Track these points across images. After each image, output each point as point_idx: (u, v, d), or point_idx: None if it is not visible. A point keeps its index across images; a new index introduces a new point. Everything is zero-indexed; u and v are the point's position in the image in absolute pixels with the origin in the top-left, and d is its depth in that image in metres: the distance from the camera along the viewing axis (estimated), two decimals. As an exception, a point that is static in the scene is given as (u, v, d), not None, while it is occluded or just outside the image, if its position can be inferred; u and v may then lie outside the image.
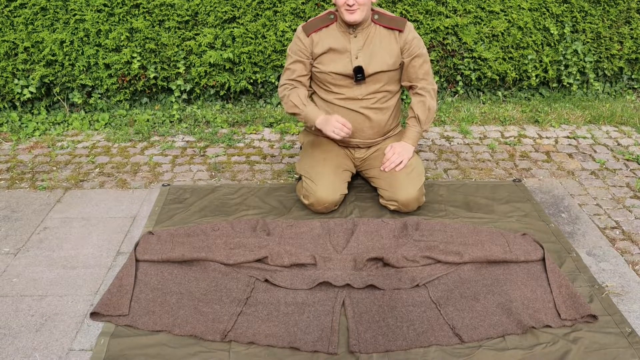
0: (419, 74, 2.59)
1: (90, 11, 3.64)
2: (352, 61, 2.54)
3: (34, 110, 3.89)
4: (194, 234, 2.48)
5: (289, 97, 2.57)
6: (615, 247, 2.45)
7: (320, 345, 1.87)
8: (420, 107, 2.62)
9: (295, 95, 2.56)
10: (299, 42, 2.58)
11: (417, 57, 2.56)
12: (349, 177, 2.75)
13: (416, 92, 2.63)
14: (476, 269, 2.23)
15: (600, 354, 1.84)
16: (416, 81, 2.61)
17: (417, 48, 2.56)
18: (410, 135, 2.65)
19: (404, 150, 2.62)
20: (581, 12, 3.94)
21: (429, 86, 2.61)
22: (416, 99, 2.63)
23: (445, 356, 1.84)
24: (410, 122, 2.66)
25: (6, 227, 2.61)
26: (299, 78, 2.62)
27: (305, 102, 2.55)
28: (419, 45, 2.56)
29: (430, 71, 2.62)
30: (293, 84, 2.62)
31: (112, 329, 1.96)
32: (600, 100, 4.12)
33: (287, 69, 2.63)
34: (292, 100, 2.56)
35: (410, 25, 2.57)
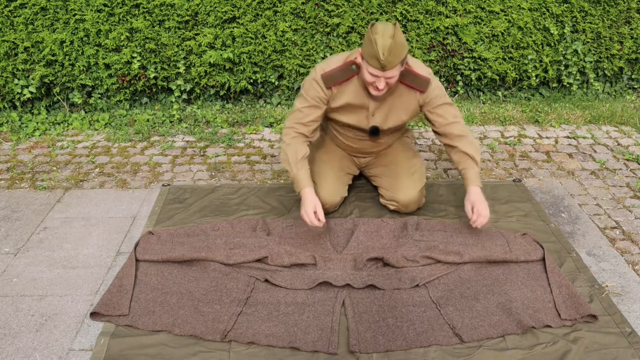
0: (448, 118, 2.43)
1: (90, 11, 3.64)
2: (369, 118, 2.47)
3: (34, 110, 3.89)
4: (194, 234, 2.48)
5: (286, 150, 2.39)
6: (615, 247, 2.45)
7: (320, 345, 1.87)
8: (468, 146, 2.40)
9: (292, 151, 2.38)
10: (318, 90, 2.39)
11: (439, 107, 2.42)
12: (350, 179, 2.75)
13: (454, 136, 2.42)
14: (476, 269, 2.23)
15: (600, 354, 1.84)
16: (448, 127, 2.43)
17: (438, 99, 2.41)
18: (472, 177, 2.39)
19: (481, 198, 2.37)
20: (581, 12, 3.94)
21: (462, 126, 2.43)
22: (459, 141, 2.42)
23: (445, 356, 1.84)
24: (465, 163, 2.41)
25: (6, 227, 2.61)
26: (310, 124, 2.42)
27: (299, 165, 2.36)
28: (439, 95, 2.41)
29: (459, 113, 2.45)
30: (299, 130, 2.41)
31: (112, 329, 1.96)
32: (600, 100, 4.12)
33: (300, 111, 2.42)
34: (288, 155, 2.38)
35: (434, 83, 2.40)
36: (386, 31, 2.15)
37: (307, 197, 2.32)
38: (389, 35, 2.14)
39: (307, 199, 2.32)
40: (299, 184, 2.36)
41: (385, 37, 2.14)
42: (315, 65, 2.47)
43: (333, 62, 2.39)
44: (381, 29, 2.17)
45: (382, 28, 2.17)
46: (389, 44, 2.13)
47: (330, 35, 3.86)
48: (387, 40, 2.14)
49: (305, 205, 2.31)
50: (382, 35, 2.15)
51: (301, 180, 2.36)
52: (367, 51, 2.20)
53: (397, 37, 2.15)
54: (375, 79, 2.24)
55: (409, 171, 2.61)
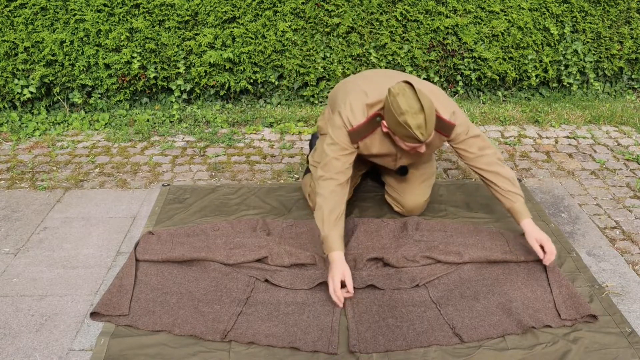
0: (474, 152, 2.27)
1: (90, 11, 3.64)
2: (397, 161, 2.39)
3: (34, 110, 3.89)
4: (194, 234, 2.48)
5: (323, 207, 2.17)
6: (615, 247, 2.45)
7: (320, 345, 1.87)
8: (505, 183, 2.24)
9: (329, 209, 2.15)
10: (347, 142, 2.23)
11: (463, 142, 2.27)
12: (357, 182, 2.73)
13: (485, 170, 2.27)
14: (476, 268, 2.23)
15: (600, 354, 1.84)
16: (475, 161, 2.28)
17: (462, 135, 2.26)
18: (522, 210, 2.23)
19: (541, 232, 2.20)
20: (581, 12, 3.94)
21: (492, 158, 2.27)
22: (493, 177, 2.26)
23: (445, 356, 1.84)
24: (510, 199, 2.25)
25: (6, 227, 2.61)
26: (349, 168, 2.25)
27: (332, 225, 2.14)
28: (463, 132, 2.25)
29: (486, 143, 2.29)
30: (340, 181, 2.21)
31: (112, 329, 1.96)
32: (600, 100, 4.12)
33: (336, 159, 2.21)
34: (324, 213, 2.16)
35: (460, 126, 2.24)
36: (412, 106, 2.00)
37: (336, 264, 2.07)
38: (417, 110, 2.00)
39: (336, 267, 2.06)
40: (329, 246, 2.12)
41: (416, 116, 2.00)
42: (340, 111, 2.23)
43: (357, 112, 2.20)
44: (406, 105, 2.00)
45: (406, 104, 2.00)
46: (423, 121, 2.00)
47: (330, 35, 3.86)
48: (419, 118, 2.00)
49: (333, 273, 2.06)
50: (411, 115, 2.00)
51: (332, 243, 2.11)
52: (399, 132, 2.06)
53: (425, 107, 2.00)
54: (415, 148, 2.14)
55: (420, 178, 2.57)
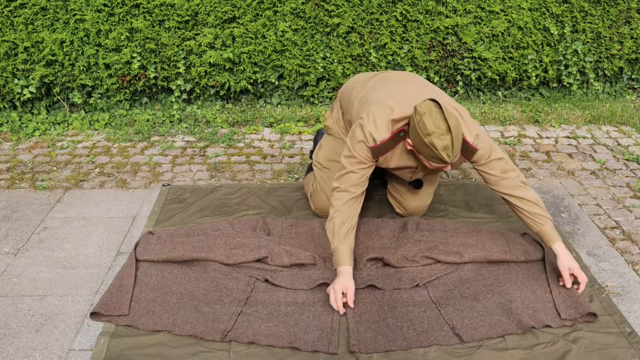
0: (496, 174, 2.21)
1: (90, 11, 3.64)
2: (414, 174, 2.36)
3: (34, 110, 3.89)
4: (194, 234, 2.48)
5: (335, 219, 2.16)
6: (615, 247, 2.45)
7: (320, 345, 1.87)
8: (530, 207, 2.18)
9: (340, 222, 2.14)
10: (369, 156, 2.18)
11: (484, 165, 2.21)
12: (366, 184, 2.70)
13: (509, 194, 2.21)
14: (476, 268, 2.23)
15: (600, 354, 1.84)
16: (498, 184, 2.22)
17: (485, 158, 2.19)
18: (551, 233, 2.16)
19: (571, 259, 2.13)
20: (581, 12, 3.94)
21: (515, 181, 2.20)
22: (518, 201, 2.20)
23: (445, 356, 1.84)
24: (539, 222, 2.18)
25: (6, 227, 2.61)
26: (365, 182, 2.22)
27: (343, 239, 2.13)
28: (484, 155, 2.19)
29: (509, 165, 2.22)
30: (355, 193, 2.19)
31: (112, 329, 1.96)
32: (600, 100, 4.12)
33: (354, 172, 2.18)
34: (335, 225, 2.15)
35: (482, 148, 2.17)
36: (439, 127, 1.95)
37: (342, 277, 2.07)
38: (444, 131, 1.94)
39: (341, 279, 2.06)
40: (337, 259, 2.11)
41: (443, 137, 1.95)
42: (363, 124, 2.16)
43: (381, 127, 2.14)
44: (433, 127, 1.95)
45: (432, 125, 1.95)
46: (450, 142, 1.95)
47: (330, 35, 3.86)
48: (446, 140, 1.95)
49: (336, 284, 2.05)
50: (438, 136, 1.95)
51: (340, 257, 2.10)
52: (425, 152, 2.01)
53: (452, 128, 1.94)
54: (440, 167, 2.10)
55: (425, 184, 2.55)
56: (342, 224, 2.14)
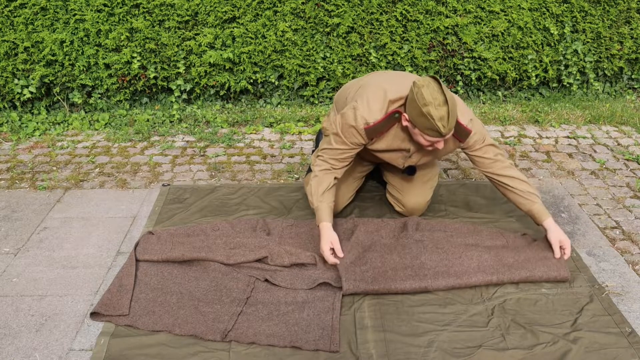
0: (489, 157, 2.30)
1: (90, 11, 3.64)
2: (406, 159, 2.39)
3: (34, 110, 3.89)
4: (194, 233, 2.48)
5: (312, 182, 2.31)
6: (615, 247, 2.45)
7: (322, 344, 1.87)
8: (521, 185, 2.28)
9: (316, 183, 2.29)
10: (359, 139, 2.26)
11: (481, 149, 2.29)
12: (360, 183, 2.71)
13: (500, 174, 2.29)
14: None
15: (600, 354, 1.84)
16: (490, 167, 2.30)
17: (478, 144, 2.28)
18: (541, 211, 2.27)
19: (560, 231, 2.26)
20: (581, 12, 3.94)
21: (505, 162, 2.31)
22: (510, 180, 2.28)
23: (445, 356, 1.84)
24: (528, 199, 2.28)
25: (6, 227, 2.61)
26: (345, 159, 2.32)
27: (321, 197, 2.28)
28: (479, 140, 2.28)
29: (499, 150, 2.32)
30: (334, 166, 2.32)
31: (112, 329, 1.96)
32: (600, 100, 4.12)
33: (336, 149, 2.29)
34: (312, 186, 2.30)
35: (476, 134, 2.26)
36: (436, 98, 2.01)
37: (324, 232, 2.24)
38: (441, 102, 2.01)
39: (324, 235, 2.23)
40: (318, 217, 2.28)
41: (440, 108, 2.01)
42: (356, 107, 2.22)
43: (375, 110, 2.20)
44: (430, 97, 2.01)
45: (430, 95, 2.01)
46: (446, 113, 2.01)
47: (330, 35, 3.86)
48: (443, 110, 2.01)
49: (322, 241, 2.23)
50: (435, 107, 2.01)
51: (320, 214, 2.27)
52: (421, 123, 2.06)
53: (449, 100, 2.01)
54: (433, 142, 2.13)
55: (422, 179, 2.57)
56: (319, 184, 2.29)
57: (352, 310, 2.05)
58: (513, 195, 2.31)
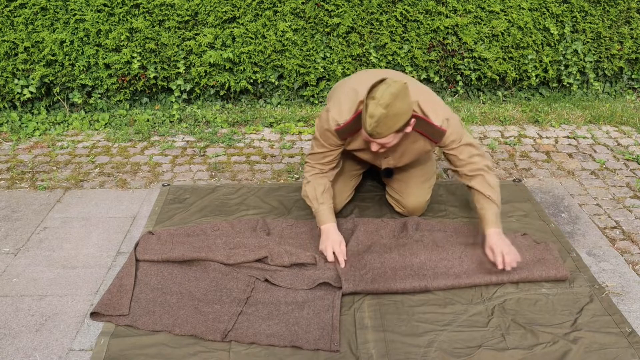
0: (463, 158, 2.26)
1: (90, 11, 3.64)
2: (382, 161, 2.41)
3: (34, 110, 3.89)
4: (194, 233, 2.48)
5: (307, 187, 2.38)
6: (615, 247, 2.45)
7: (322, 344, 1.87)
8: (485, 187, 2.24)
9: (312, 187, 2.36)
10: (333, 139, 2.27)
11: (456, 149, 2.25)
12: (358, 181, 2.71)
13: (468, 175, 2.28)
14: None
15: (600, 354, 1.84)
16: (462, 167, 2.29)
17: (454, 143, 2.24)
18: (492, 219, 2.23)
19: (504, 242, 2.20)
20: (581, 12, 3.94)
21: (478, 165, 2.26)
22: (474, 181, 2.26)
23: (445, 356, 1.84)
24: (484, 204, 2.25)
25: (6, 227, 2.61)
26: (330, 162, 2.36)
27: (320, 199, 2.33)
28: (456, 140, 2.23)
29: (478, 151, 2.27)
30: (321, 169, 2.37)
31: (112, 329, 1.96)
32: (600, 100, 4.12)
33: (318, 153, 2.34)
34: (308, 191, 2.37)
35: (450, 130, 2.20)
36: (383, 97, 1.93)
37: (330, 233, 2.28)
38: (383, 103, 1.93)
39: (331, 236, 2.27)
40: (319, 219, 2.33)
41: (378, 105, 1.94)
42: (329, 109, 2.23)
43: (345, 110, 2.20)
44: (379, 93, 1.94)
45: (381, 92, 1.95)
46: (379, 115, 1.94)
47: (330, 35, 3.86)
48: (378, 110, 1.94)
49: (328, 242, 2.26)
50: (376, 102, 1.94)
51: (322, 216, 2.32)
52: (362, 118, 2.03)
53: (392, 107, 1.94)
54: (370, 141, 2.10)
55: (420, 178, 2.56)
56: (315, 188, 2.34)
57: (352, 310, 2.05)
58: (474, 197, 2.28)
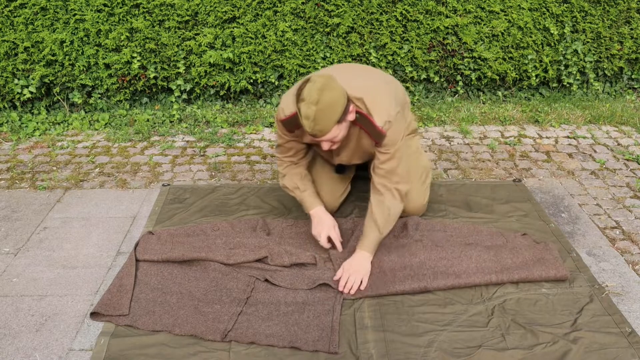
0: (382, 167, 2.18)
1: (90, 11, 3.64)
2: (334, 157, 2.37)
3: (34, 110, 3.89)
4: (194, 233, 2.48)
5: (284, 181, 2.39)
6: (615, 247, 2.45)
7: (321, 345, 1.87)
8: (379, 209, 2.19)
9: (289, 180, 2.37)
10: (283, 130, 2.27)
11: (384, 153, 2.17)
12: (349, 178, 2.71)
13: (375, 187, 2.21)
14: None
15: (600, 354, 1.84)
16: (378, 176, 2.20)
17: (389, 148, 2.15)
18: (368, 243, 2.20)
19: (360, 267, 2.16)
20: (581, 12, 3.94)
21: (390, 184, 2.19)
22: (375, 198, 2.21)
23: (445, 356, 1.84)
24: (368, 224, 2.21)
25: (6, 227, 2.61)
26: (297, 154, 2.35)
27: (302, 187, 2.34)
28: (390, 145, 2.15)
29: (397, 171, 2.18)
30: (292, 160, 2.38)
31: (112, 329, 1.96)
32: (600, 100, 4.12)
33: (282, 146, 2.34)
34: (287, 184, 2.38)
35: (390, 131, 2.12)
36: (311, 95, 1.90)
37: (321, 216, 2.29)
38: (313, 101, 1.90)
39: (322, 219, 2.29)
40: (306, 205, 2.34)
41: (309, 105, 1.90)
42: (282, 99, 2.22)
43: (290, 102, 2.15)
44: (306, 93, 1.92)
45: (307, 91, 1.92)
46: (313, 114, 1.91)
47: (330, 35, 3.86)
48: (311, 109, 1.90)
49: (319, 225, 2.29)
50: (306, 103, 1.91)
51: (307, 202, 2.34)
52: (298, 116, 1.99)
53: (322, 101, 1.90)
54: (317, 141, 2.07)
55: (420, 180, 2.53)
56: (291, 178, 2.36)
57: (352, 310, 2.05)
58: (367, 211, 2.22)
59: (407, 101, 2.41)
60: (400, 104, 2.24)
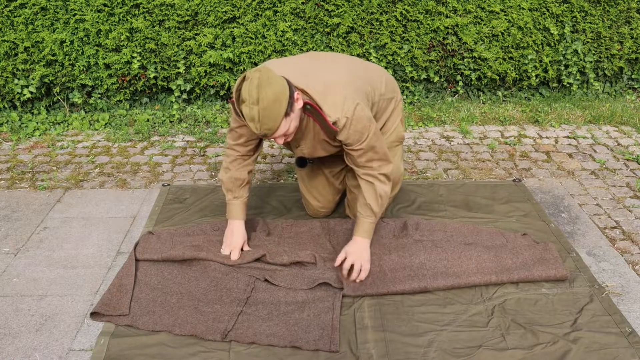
0: (359, 162, 2.14)
1: (90, 11, 3.64)
2: (295, 150, 2.29)
3: (34, 110, 3.89)
4: (194, 233, 2.48)
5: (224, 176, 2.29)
6: (615, 247, 2.45)
7: (321, 344, 1.87)
8: (371, 195, 2.15)
9: (230, 178, 2.27)
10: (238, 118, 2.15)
11: (355, 150, 2.11)
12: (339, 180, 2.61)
13: (361, 177, 2.17)
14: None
15: (600, 354, 1.84)
16: (359, 168, 2.17)
17: (356, 144, 2.08)
18: (363, 228, 2.18)
19: (363, 252, 2.16)
20: (581, 12, 3.94)
21: (374, 171, 2.14)
22: (365, 186, 2.16)
23: (445, 356, 1.84)
24: (363, 211, 2.17)
25: (6, 227, 2.61)
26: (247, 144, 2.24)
27: (236, 193, 2.29)
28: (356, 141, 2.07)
29: (375, 156, 2.13)
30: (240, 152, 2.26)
31: (112, 328, 1.96)
32: (600, 100, 4.12)
33: (234, 131, 2.22)
34: (225, 182, 2.29)
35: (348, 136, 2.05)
36: (251, 95, 1.81)
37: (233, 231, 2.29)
38: (254, 100, 1.81)
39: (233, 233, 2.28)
40: (230, 213, 2.31)
41: (251, 106, 1.82)
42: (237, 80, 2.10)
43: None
44: (245, 93, 1.83)
45: (246, 91, 1.82)
46: (257, 114, 1.83)
47: (330, 35, 3.86)
48: (254, 110, 1.82)
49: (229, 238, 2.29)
50: (247, 104, 1.83)
51: (232, 211, 2.30)
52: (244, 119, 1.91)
53: (264, 99, 1.80)
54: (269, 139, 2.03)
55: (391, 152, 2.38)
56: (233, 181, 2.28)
57: (352, 310, 2.05)
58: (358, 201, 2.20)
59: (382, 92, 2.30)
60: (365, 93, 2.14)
